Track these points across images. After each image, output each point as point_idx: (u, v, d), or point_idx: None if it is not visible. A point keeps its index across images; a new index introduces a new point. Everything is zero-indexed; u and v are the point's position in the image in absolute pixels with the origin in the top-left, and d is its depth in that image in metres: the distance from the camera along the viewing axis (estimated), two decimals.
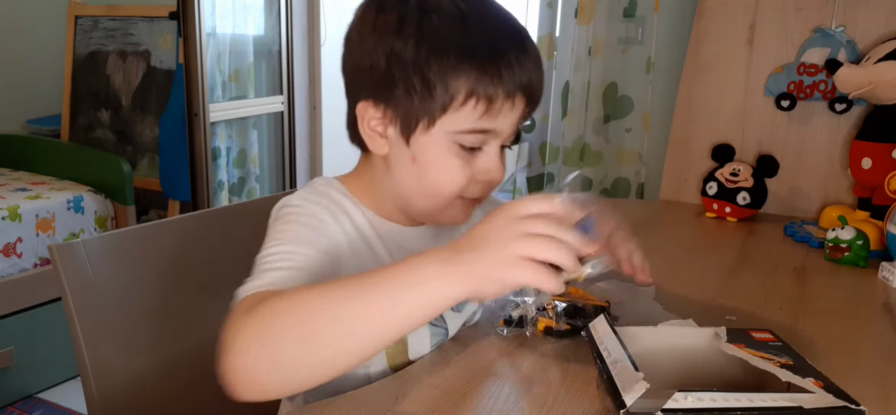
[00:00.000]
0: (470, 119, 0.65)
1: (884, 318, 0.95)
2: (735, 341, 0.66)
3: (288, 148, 2.63)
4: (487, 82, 0.64)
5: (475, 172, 0.68)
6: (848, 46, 1.41)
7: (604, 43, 1.84)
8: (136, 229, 0.89)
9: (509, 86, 0.65)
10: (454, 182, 0.68)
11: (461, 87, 0.64)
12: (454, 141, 0.66)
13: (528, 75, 0.66)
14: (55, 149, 2.62)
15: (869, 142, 1.35)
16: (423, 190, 0.70)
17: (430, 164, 0.68)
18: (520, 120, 0.68)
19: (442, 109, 0.65)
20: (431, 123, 0.66)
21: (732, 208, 1.42)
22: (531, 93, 0.67)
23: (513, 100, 0.66)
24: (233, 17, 2.45)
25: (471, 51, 0.64)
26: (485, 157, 0.68)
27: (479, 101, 0.64)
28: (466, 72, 0.64)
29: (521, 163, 2.02)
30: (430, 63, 0.64)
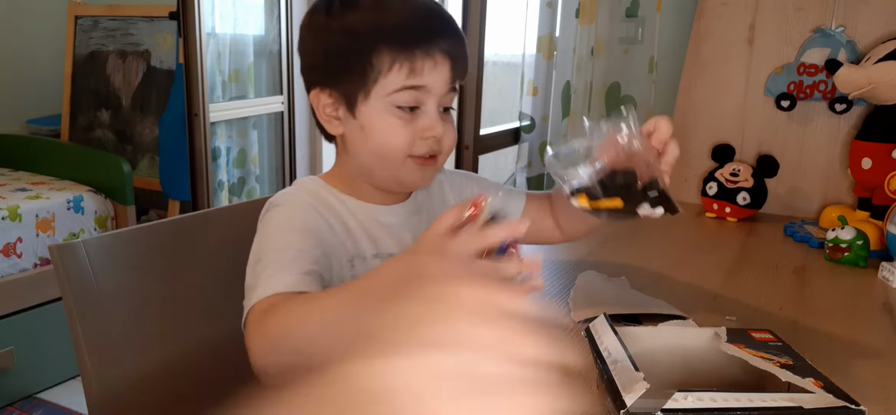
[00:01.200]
0: (398, 80, 0.74)
1: (884, 318, 0.95)
2: (735, 341, 0.66)
3: (288, 148, 2.63)
4: (405, 47, 0.74)
5: (418, 130, 0.76)
6: (848, 46, 1.41)
7: (606, 43, 1.84)
8: (136, 229, 0.89)
9: (424, 45, 0.74)
10: (398, 139, 0.76)
11: (385, 58, 0.74)
12: (391, 103, 0.75)
13: (442, 34, 0.76)
14: (55, 149, 2.62)
15: (869, 142, 1.35)
16: (374, 154, 0.78)
17: (374, 128, 0.77)
18: (451, 78, 0.76)
19: (374, 80, 0.75)
20: (368, 94, 0.76)
21: (732, 208, 1.42)
22: (449, 51, 0.75)
23: (433, 58, 0.74)
24: (233, 17, 2.45)
25: (388, 28, 0.75)
26: (424, 115, 0.76)
27: (402, 65, 0.74)
28: (386, 45, 0.74)
29: (520, 163, 2.02)
30: (358, 47, 0.75)
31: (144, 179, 2.63)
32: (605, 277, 1.03)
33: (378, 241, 0.81)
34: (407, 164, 0.78)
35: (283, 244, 0.72)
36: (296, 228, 0.74)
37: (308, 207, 0.78)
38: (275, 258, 0.70)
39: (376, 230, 0.82)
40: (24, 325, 2.03)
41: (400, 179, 0.80)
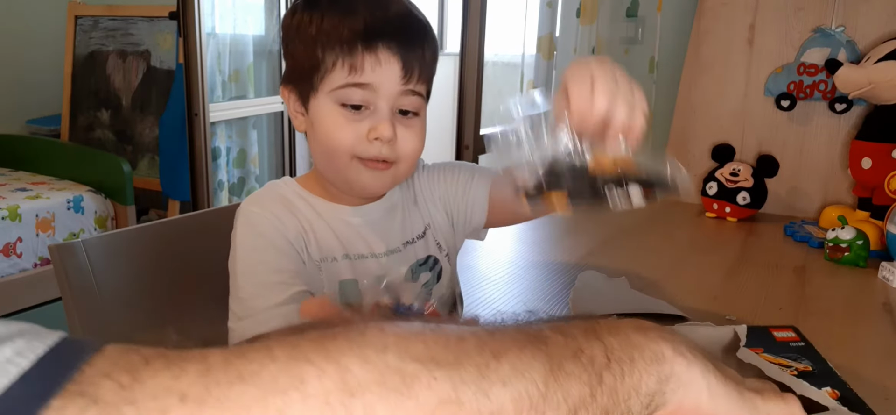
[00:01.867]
0: (341, 76, 0.73)
1: (884, 318, 0.95)
2: (755, 342, 0.64)
3: (288, 148, 2.63)
4: (345, 42, 0.72)
5: (363, 129, 0.74)
6: (848, 46, 1.41)
7: (607, 43, 1.84)
8: (136, 229, 0.89)
9: (366, 41, 0.71)
10: (341, 138, 0.74)
11: (327, 52, 0.73)
12: (336, 101, 0.74)
13: (388, 31, 0.72)
14: (55, 149, 2.62)
15: (869, 142, 1.35)
16: (322, 152, 0.77)
17: (320, 124, 0.75)
18: (402, 79, 0.73)
19: (321, 77, 0.74)
20: (316, 90, 0.75)
21: (732, 208, 1.42)
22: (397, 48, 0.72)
23: (376, 56, 0.72)
24: (233, 17, 2.46)
25: (332, 26, 0.73)
26: (371, 115, 0.74)
27: (344, 61, 0.72)
28: (329, 39, 0.73)
29: None
30: (307, 43, 0.74)
31: (144, 179, 2.63)
32: (606, 278, 1.03)
33: (347, 242, 0.80)
34: (353, 165, 0.75)
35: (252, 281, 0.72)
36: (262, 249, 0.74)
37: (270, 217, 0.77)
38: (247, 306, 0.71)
39: (345, 231, 0.80)
40: None
41: (348, 181, 0.77)
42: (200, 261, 0.91)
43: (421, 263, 0.84)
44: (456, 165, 0.92)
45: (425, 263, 0.84)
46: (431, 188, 0.89)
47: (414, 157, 0.78)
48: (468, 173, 0.90)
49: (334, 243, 0.79)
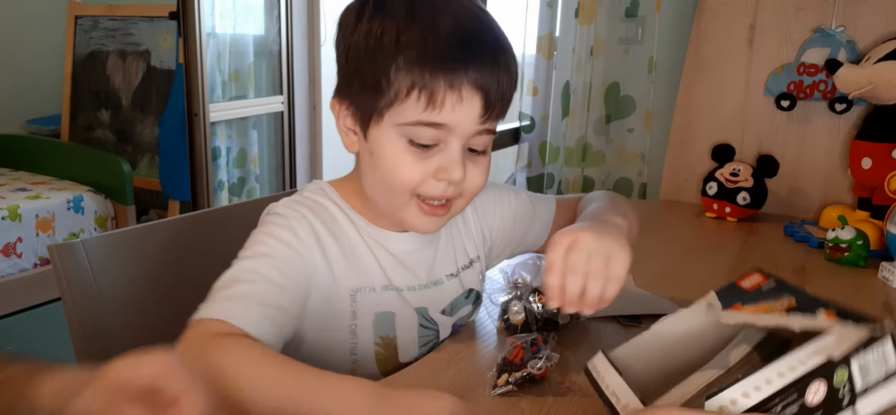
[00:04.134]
0: (415, 111, 0.64)
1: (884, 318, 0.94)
2: (728, 302, 0.61)
3: (288, 148, 2.63)
4: (427, 74, 0.63)
5: (432, 169, 0.67)
6: (848, 46, 1.41)
7: (605, 43, 1.84)
8: (136, 229, 0.89)
9: (450, 78, 0.63)
10: (405, 176, 0.67)
11: (403, 79, 0.64)
12: (404, 135, 0.66)
13: (476, 68, 0.64)
14: (55, 149, 2.62)
15: (869, 142, 1.35)
16: (379, 184, 0.70)
17: (382, 156, 0.68)
18: (481, 118, 0.66)
19: (388, 103, 0.65)
20: (381, 117, 0.66)
21: (732, 208, 1.42)
22: (482, 82, 0.64)
23: (459, 92, 0.64)
24: (233, 17, 2.46)
25: (411, 43, 0.63)
26: (442, 153, 0.67)
27: (421, 94, 0.64)
28: (407, 64, 0.63)
29: (520, 163, 2.02)
30: (376, 56, 0.65)
31: (144, 179, 2.63)
32: None
33: (389, 271, 0.74)
34: (411, 206, 0.69)
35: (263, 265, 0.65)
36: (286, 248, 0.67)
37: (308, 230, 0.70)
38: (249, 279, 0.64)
39: (386, 259, 0.74)
40: (24, 325, 2.03)
41: (401, 219, 0.71)
42: (200, 261, 0.91)
43: (465, 295, 0.81)
44: (514, 193, 0.87)
45: (468, 296, 0.81)
46: (486, 219, 0.84)
47: (475, 194, 0.72)
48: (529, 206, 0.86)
49: (374, 271, 0.73)
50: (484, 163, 0.71)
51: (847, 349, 0.50)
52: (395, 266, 0.75)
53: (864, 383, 0.51)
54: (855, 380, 0.50)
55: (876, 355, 0.51)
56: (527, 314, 0.79)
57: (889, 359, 0.51)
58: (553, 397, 0.66)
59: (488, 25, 0.68)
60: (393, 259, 0.75)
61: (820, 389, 0.49)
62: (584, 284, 0.61)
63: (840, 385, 0.50)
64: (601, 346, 0.75)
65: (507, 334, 0.79)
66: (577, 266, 0.60)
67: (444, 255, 0.80)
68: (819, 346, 0.50)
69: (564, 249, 0.61)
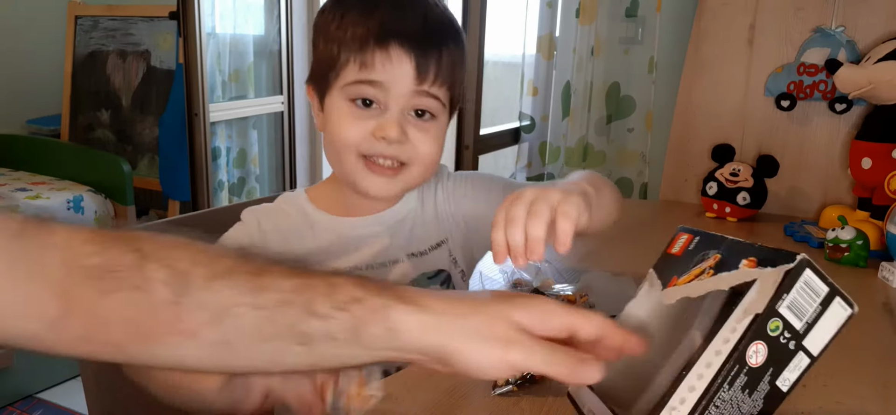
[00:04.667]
0: (353, 73, 0.72)
1: (884, 318, 0.95)
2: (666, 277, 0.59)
3: (288, 148, 2.63)
4: (360, 39, 0.71)
5: (371, 127, 0.73)
6: (848, 46, 1.41)
7: (606, 43, 1.84)
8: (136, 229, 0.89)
9: (378, 39, 0.71)
10: (347, 134, 0.73)
11: (345, 50, 0.73)
12: (347, 97, 0.73)
13: (402, 29, 0.71)
14: (55, 149, 2.62)
15: (869, 142, 1.35)
16: (332, 150, 0.76)
17: (330, 119, 0.75)
18: (415, 79, 0.72)
19: (336, 73, 0.74)
20: (331, 87, 0.75)
21: (732, 208, 1.42)
22: (411, 47, 0.71)
23: (388, 52, 0.71)
24: (233, 17, 2.46)
25: (354, 20, 0.73)
26: (382, 114, 0.73)
27: (355, 57, 0.72)
28: (343, 33, 0.73)
29: (520, 163, 2.02)
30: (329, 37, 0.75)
31: (144, 179, 2.63)
32: (610, 277, 1.03)
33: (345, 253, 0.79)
34: (359, 166, 0.75)
35: None
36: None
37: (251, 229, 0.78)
38: None
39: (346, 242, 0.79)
40: None
41: (354, 182, 0.76)
42: None
43: (429, 276, 0.82)
44: (488, 178, 0.88)
45: (435, 276, 0.82)
46: (458, 201, 0.86)
47: (427, 161, 0.76)
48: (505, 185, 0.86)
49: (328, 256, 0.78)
50: (432, 130, 0.75)
51: (769, 298, 0.48)
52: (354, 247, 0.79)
53: (803, 321, 0.49)
54: (791, 323, 0.49)
55: (800, 290, 0.49)
56: None
57: (816, 287, 0.50)
58: (553, 397, 0.66)
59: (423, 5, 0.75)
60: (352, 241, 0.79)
61: (759, 348, 0.48)
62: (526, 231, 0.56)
63: (778, 334, 0.48)
64: None
65: None
66: (517, 215, 0.56)
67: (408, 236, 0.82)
68: (743, 307, 0.49)
69: (506, 204, 0.58)
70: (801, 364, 0.50)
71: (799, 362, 0.50)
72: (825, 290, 0.50)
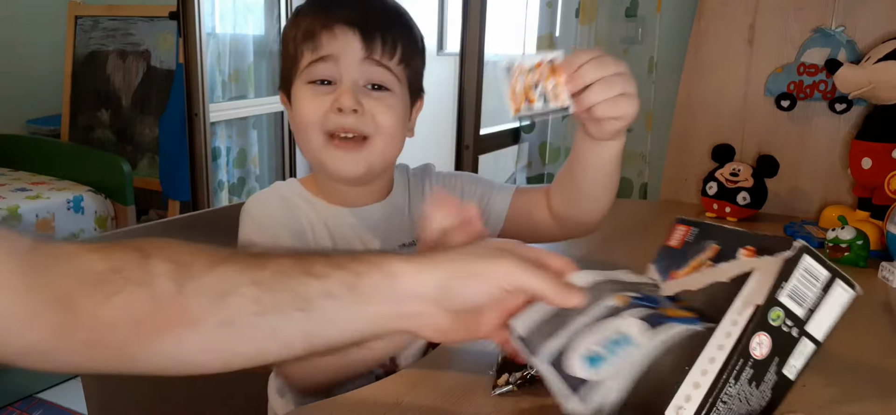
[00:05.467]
0: (307, 58, 0.77)
1: (884, 318, 0.95)
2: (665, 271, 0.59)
3: (288, 148, 2.63)
4: (308, 24, 0.77)
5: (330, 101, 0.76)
6: (848, 46, 1.41)
7: (606, 43, 1.84)
8: (136, 229, 0.89)
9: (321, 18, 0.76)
10: (309, 112, 0.77)
11: (297, 44, 0.78)
12: (305, 80, 0.78)
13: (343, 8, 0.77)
14: (55, 149, 2.62)
15: (869, 142, 1.35)
16: (300, 137, 0.80)
17: (296, 106, 0.79)
18: (364, 49, 0.76)
19: (295, 66, 0.79)
20: (293, 78, 0.80)
21: (732, 208, 1.42)
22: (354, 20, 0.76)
23: (332, 31, 0.75)
24: (233, 17, 2.46)
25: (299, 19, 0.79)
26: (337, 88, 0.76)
27: (308, 45, 0.77)
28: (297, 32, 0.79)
29: (520, 163, 2.02)
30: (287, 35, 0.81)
31: (144, 179, 2.63)
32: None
33: (342, 243, 0.81)
34: (327, 147, 0.77)
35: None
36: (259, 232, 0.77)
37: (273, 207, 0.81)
38: None
39: (340, 231, 0.82)
40: None
41: (323, 164, 0.79)
42: None
43: None
44: (475, 177, 0.94)
45: None
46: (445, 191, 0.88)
47: (388, 132, 0.78)
48: (487, 186, 0.90)
49: (328, 244, 0.80)
50: (390, 100, 0.78)
51: (769, 288, 0.48)
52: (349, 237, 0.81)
53: (804, 307, 0.49)
54: (793, 311, 0.48)
55: (800, 276, 0.49)
56: None
57: (817, 272, 0.49)
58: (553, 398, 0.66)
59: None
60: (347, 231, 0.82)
61: (763, 339, 0.48)
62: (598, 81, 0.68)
63: (780, 323, 0.48)
64: None
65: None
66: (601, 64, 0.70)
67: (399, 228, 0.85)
68: (743, 299, 0.49)
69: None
70: (806, 351, 0.50)
71: (804, 348, 0.50)
72: (826, 275, 0.50)
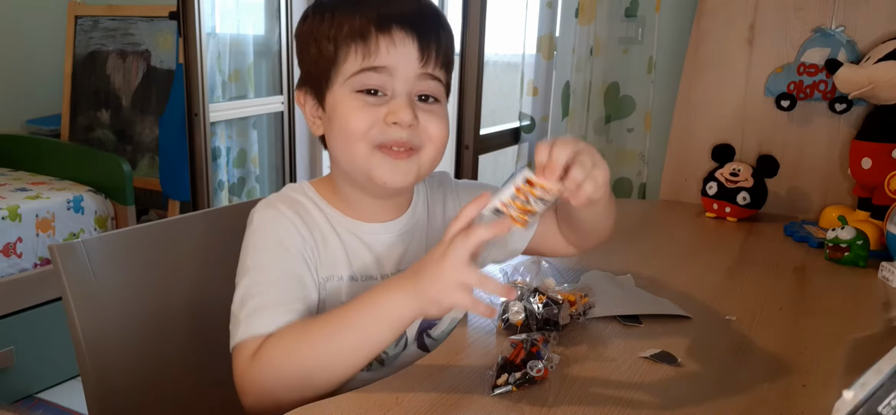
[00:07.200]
0: (356, 63, 0.71)
1: (884, 318, 0.95)
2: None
3: (288, 148, 2.63)
4: (359, 28, 0.71)
5: (381, 113, 0.72)
6: (848, 46, 1.41)
7: (605, 43, 1.84)
8: (136, 229, 0.89)
9: (380, 24, 0.71)
10: (357, 123, 0.72)
11: (342, 41, 0.72)
12: (352, 88, 0.72)
13: (402, 13, 0.71)
14: (55, 149, 2.61)
15: (869, 142, 1.35)
16: (341, 145, 0.75)
17: (337, 113, 0.73)
18: (420, 60, 0.72)
19: (336, 67, 0.73)
20: (332, 82, 0.74)
21: (732, 208, 1.42)
22: (413, 27, 0.71)
23: (391, 36, 0.70)
24: (233, 17, 2.45)
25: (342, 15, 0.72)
26: (391, 101, 0.72)
27: (358, 45, 0.71)
28: (344, 28, 0.72)
29: (520, 163, 2.02)
30: (320, 36, 0.74)
31: (144, 179, 2.62)
32: (611, 276, 1.03)
33: (355, 261, 0.77)
34: (375, 156, 0.73)
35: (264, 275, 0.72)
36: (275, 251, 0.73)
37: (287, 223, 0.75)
38: (257, 291, 0.71)
39: (356, 248, 0.78)
40: (24, 325, 2.03)
41: (369, 174, 0.74)
42: (200, 261, 0.91)
43: None
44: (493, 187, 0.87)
45: None
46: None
47: (439, 143, 0.75)
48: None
49: (342, 261, 0.76)
50: (439, 111, 0.75)
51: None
52: (364, 256, 0.78)
53: None
54: None
55: None
56: (527, 314, 0.79)
57: None
58: (553, 397, 0.66)
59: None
60: (364, 248, 0.78)
61: None
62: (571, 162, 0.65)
63: None
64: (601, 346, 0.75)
65: (507, 334, 0.79)
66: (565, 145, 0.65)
67: (418, 247, 0.81)
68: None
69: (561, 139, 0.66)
70: None
71: None
72: None
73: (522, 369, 0.67)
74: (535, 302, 0.80)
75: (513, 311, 0.80)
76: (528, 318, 0.79)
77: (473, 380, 0.70)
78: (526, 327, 0.79)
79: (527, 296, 0.81)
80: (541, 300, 0.80)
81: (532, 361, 0.68)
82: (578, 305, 0.84)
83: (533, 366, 0.67)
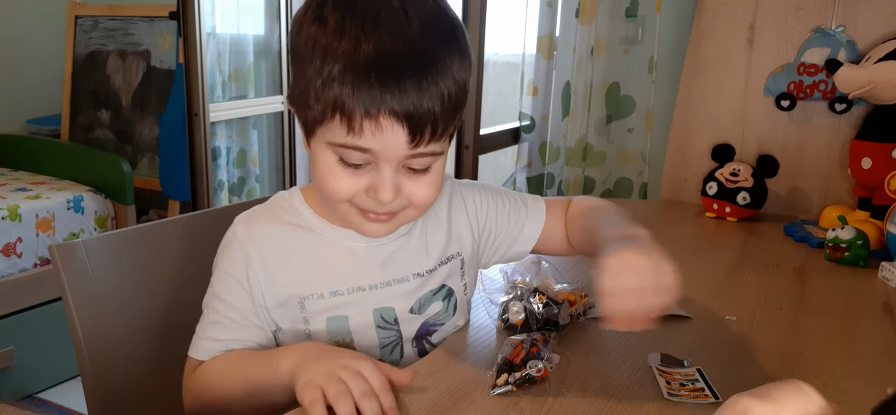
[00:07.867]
0: (339, 134, 0.63)
1: (884, 318, 0.95)
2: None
3: (288, 148, 2.63)
4: (344, 100, 0.61)
5: (363, 184, 0.67)
6: (848, 46, 1.41)
7: (606, 43, 1.84)
8: (136, 229, 0.89)
9: (366, 107, 0.61)
10: (337, 190, 0.67)
11: (326, 99, 0.62)
12: (334, 153, 0.66)
13: (393, 97, 0.61)
14: (55, 149, 2.61)
15: (869, 142, 1.35)
16: (320, 192, 0.72)
17: (317, 168, 0.68)
18: (409, 144, 0.63)
19: (317, 121, 0.65)
20: (314, 132, 0.67)
21: (732, 208, 1.42)
22: (404, 112, 0.61)
23: (377, 122, 0.61)
24: (233, 17, 2.45)
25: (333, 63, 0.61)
26: (373, 173, 0.66)
27: (342, 119, 0.62)
28: (328, 85, 0.62)
29: (520, 163, 2.02)
30: (307, 68, 0.63)
31: (144, 179, 2.62)
32: None
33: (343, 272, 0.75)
34: (354, 213, 0.69)
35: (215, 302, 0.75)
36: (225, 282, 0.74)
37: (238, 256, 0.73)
38: (209, 317, 0.75)
39: (344, 259, 0.75)
40: (24, 325, 2.03)
41: (349, 223, 0.72)
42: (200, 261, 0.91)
43: (434, 291, 0.80)
44: (502, 192, 0.86)
45: (438, 291, 0.80)
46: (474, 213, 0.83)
47: (424, 205, 0.71)
48: (517, 204, 0.86)
49: (321, 278, 0.75)
50: (429, 179, 0.69)
51: None
52: (354, 265, 0.76)
53: None
54: None
55: None
56: (527, 314, 0.79)
57: None
58: (553, 397, 0.66)
59: (418, 46, 0.63)
60: (351, 258, 0.76)
61: None
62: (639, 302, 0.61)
63: None
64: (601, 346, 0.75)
65: (507, 333, 0.79)
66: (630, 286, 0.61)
67: (416, 250, 0.79)
68: None
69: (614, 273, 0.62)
70: None
71: None
72: None
73: (522, 369, 0.67)
74: (535, 302, 0.80)
75: (513, 311, 0.80)
76: (528, 318, 0.79)
77: (473, 380, 0.70)
78: (526, 327, 0.79)
79: (527, 296, 0.81)
80: (541, 300, 0.80)
81: (532, 361, 0.68)
82: (578, 305, 0.84)
83: (533, 366, 0.67)
